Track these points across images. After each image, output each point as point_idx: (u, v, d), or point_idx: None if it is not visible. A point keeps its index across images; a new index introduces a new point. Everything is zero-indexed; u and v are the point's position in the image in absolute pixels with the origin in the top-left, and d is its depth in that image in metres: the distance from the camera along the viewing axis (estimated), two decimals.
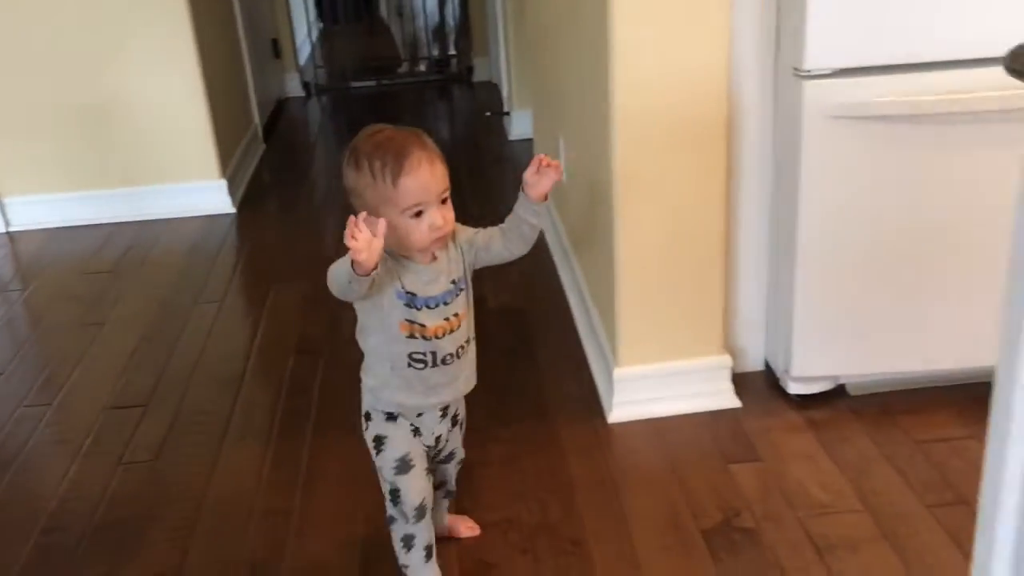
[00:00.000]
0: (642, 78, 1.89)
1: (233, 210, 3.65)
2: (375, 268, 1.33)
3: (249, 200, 3.79)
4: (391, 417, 1.53)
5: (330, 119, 5.24)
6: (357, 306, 1.48)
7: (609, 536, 1.79)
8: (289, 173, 4.18)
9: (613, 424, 2.12)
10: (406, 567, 1.57)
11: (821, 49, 1.84)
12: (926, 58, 1.84)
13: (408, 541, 1.55)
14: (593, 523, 1.82)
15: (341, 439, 2.10)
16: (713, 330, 2.12)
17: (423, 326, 1.46)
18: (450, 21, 6.00)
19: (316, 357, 2.51)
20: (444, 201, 1.42)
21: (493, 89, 5.16)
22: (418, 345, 1.47)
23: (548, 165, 1.49)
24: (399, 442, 1.52)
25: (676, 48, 1.88)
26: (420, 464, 1.53)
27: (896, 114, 1.86)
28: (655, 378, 2.12)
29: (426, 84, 5.63)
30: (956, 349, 2.04)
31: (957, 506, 1.78)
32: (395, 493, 1.52)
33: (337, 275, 1.37)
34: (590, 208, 2.31)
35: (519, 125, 4.24)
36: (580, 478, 1.95)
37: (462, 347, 1.51)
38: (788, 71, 1.93)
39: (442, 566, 1.67)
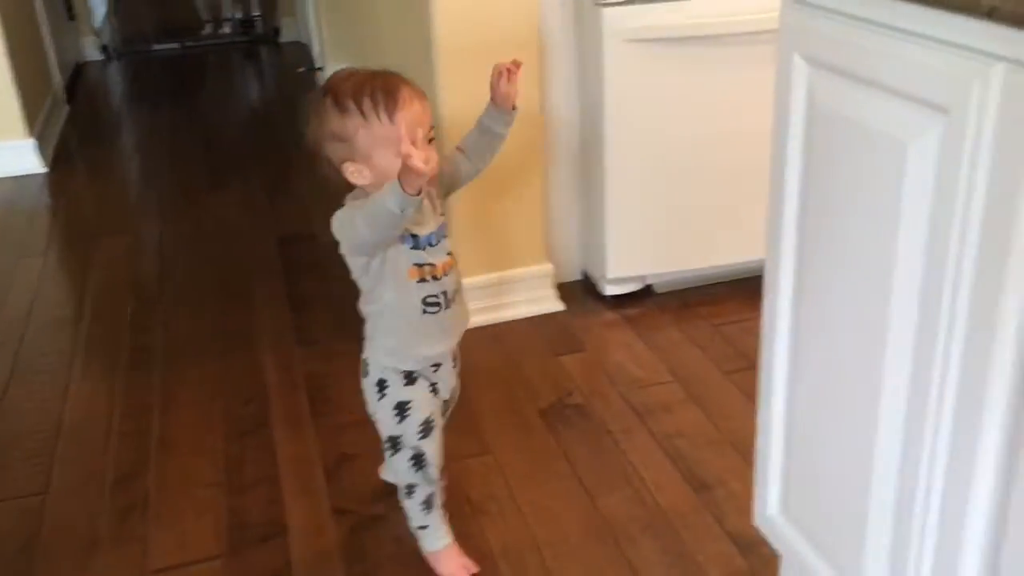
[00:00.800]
0: (459, 14, 2.07)
1: (44, 170, 3.55)
2: (420, 192, 1.27)
3: (59, 161, 3.69)
4: (410, 379, 1.49)
5: (132, 82, 5.11)
6: (362, 271, 1.44)
7: (460, 426, 1.97)
8: (97, 134, 4.09)
9: None
10: (424, 527, 1.55)
11: None
12: None
13: (429, 502, 1.53)
14: None
15: (192, 370, 2.20)
16: (536, 242, 2.34)
17: (432, 265, 1.43)
18: None
19: (154, 303, 2.55)
20: (430, 141, 1.39)
21: (303, 49, 5.19)
22: (430, 288, 1.44)
23: (515, 70, 1.48)
24: (422, 405, 1.49)
25: None
26: (439, 424, 1.53)
27: (681, 36, 2.13)
28: (488, 288, 2.32)
29: (231, 46, 5.57)
30: (739, 246, 2.35)
31: (748, 371, 2.08)
32: (419, 458, 1.49)
33: (375, 212, 1.30)
34: None
35: None
36: None
37: (458, 281, 1.51)
38: (589, 1, 2.16)
39: (305, 458, 1.82)
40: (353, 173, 1.39)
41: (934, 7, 0.90)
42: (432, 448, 1.50)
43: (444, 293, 1.45)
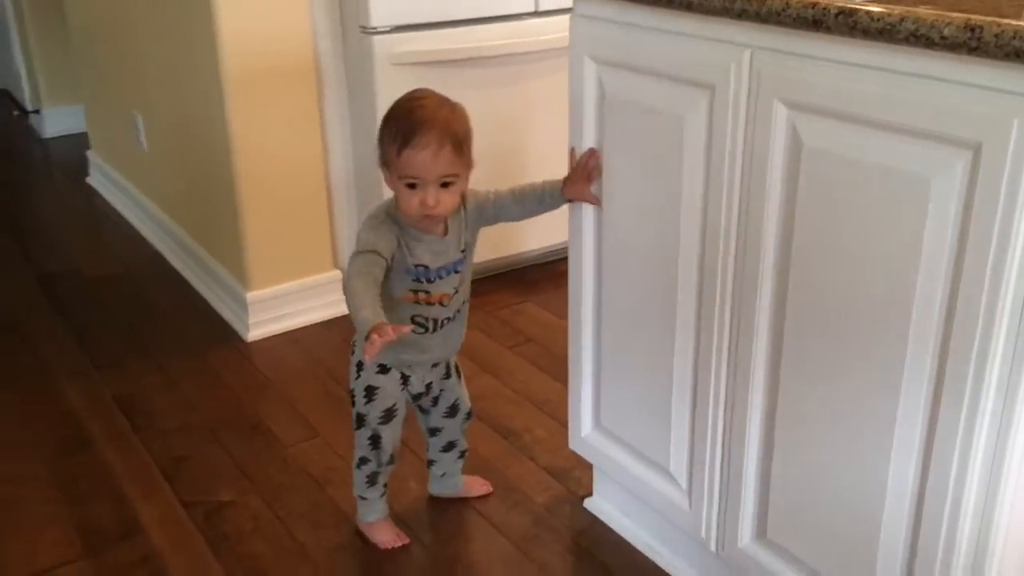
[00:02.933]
0: (244, 43, 2.24)
1: None
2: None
3: None
4: (383, 369, 1.59)
5: None
6: None
7: (280, 416, 2.13)
8: None
9: (252, 341, 2.44)
10: (363, 499, 1.70)
11: (382, 11, 2.35)
12: (456, 17, 2.44)
13: (373, 478, 1.67)
14: (264, 411, 2.14)
15: None
16: (324, 251, 2.54)
17: (428, 293, 1.52)
18: None
19: None
20: (446, 185, 1.45)
21: (3, 95, 4.93)
22: (421, 310, 1.53)
23: (594, 167, 1.50)
24: (388, 393, 1.61)
25: (267, 14, 2.25)
26: (400, 415, 1.64)
27: (441, 60, 2.44)
28: (282, 297, 2.48)
29: None
30: (508, 243, 2.68)
31: (528, 344, 2.42)
32: (376, 439, 1.63)
33: (349, 304, 1.39)
34: (199, 169, 2.58)
35: (55, 122, 4.20)
36: (237, 384, 2.25)
37: (459, 310, 1.59)
38: (356, 29, 2.40)
39: (139, 465, 1.89)
40: (385, 178, 1.50)
41: (677, 9, 1.26)
42: (388, 434, 1.63)
43: (434, 320, 1.55)
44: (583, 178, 1.51)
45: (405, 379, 1.62)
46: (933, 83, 1.02)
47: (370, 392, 1.60)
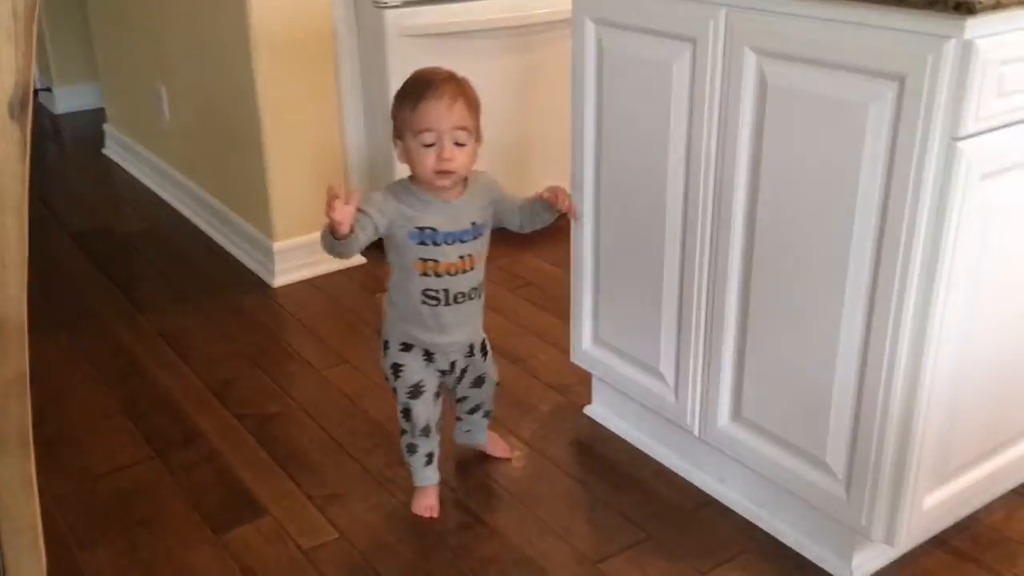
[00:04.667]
0: (269, 14, 2.49)
1: None
2: (352, 231, 1.47)
3: None
4: (406, 347, 1.68)
5: None
6: (384, 246, 1.63)
7: (311, 347, 2.39)
8: None
9: (279, 287, 2.70)
10: (409, 466, 1.78)
11: None
12: None
13: (412, 448, 1.75)
14: (296, 343, 2.41)
15: (43, 345, 2.43)
16: None
17: (436, 262, 1.58)
18: None
19: None
20: (460, 144, 1.53)
21: None
22: (431, 282, 1.60)
23: (564, 205, 1.70)
24: (413, 370, 1.69)
25: None
26: (430, 390, 1.71)
27: (451, 32, 2.70)
28: (306, 248, 2.73)
29: None
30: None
31: (527, 287, 2.70)
32: (407, 412, 1.71)
33: (324, 241, 1.52)
34: (225, 133, 2.83)
35: (67, 100, 4.44)
36: (269, 321, 2.52)
37: (475, 288, 1.65)
38: (369, 3, 2.66)
39: (190, 387, 2.15)
40: (399, 153, 1.59)
41: None
42: (419, 408, 1.70)
43: (446, 291, 1.61)
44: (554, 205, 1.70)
45: (429, 355, 1.69)
46: (868, 29, 1.30)
47: (396, 369, 1.69)
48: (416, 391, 1.69)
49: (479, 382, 1.81)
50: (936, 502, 1.54)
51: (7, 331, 0.92)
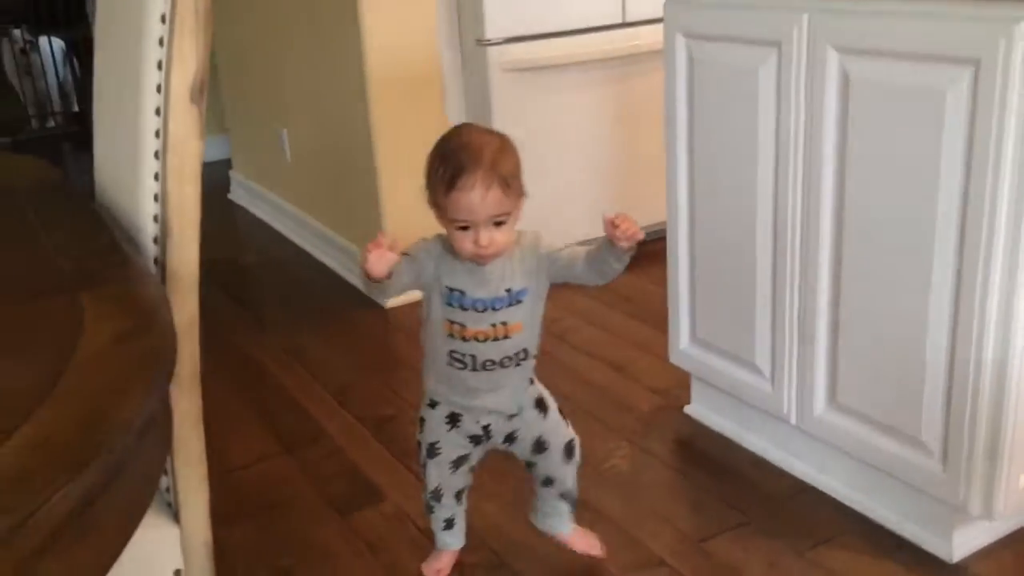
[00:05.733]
0: (383, 55, 2.71)
1: None
2: (386, 276, 1.36)
3: None
4: (432, 404, 1.57)
5: None
6: (423, 298, 1.51)
7: (419, 358, 2.54)
8: None
9: (390, 308, 2.87)
10: (431, 525, 1.68)
11: (496, 25, 2.80)
12: (562, 28, 2.87)
13: (429, 509, 1.64)
14: (405, 355, 2.57)
15: None
16: None
17: (463, 326, 1.45)
18: (69, 78, 6.21)
19: None
20: (499, 224, 1.38)
21: None
22: (457, 345, 1.47)
23: (622, 230, 1.37)
24: (432, 428, 1.57)
25: (400, 28, 2.72)
26: (448, 454, 1.57)
27: (549, 65, 2.87)
28: None
29: (64, 136, 5.82)
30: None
31: (627, 303, 2.80)
32: (423, 469, 1.61)
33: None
34: (342, 169, 3.05)
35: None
36: (381, 337, 2.70)
37: (510, 358, 1.49)
38: (473, 42, 2.85)
39: (311, 393, 2.32)
40: (436, 215, 1.44)
41: None
42: (433, 470, 1.59)
43: (473, 356, 1.47)
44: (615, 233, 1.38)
45: (453, 419, 1.55)
46: (942, 18, 1.40)
47: (421, 423, 1.60)
48: (432, 451, 1.58)
49: (540, 447, 1.60)
50: None
51: (184, 283, 1.08)
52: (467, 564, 1.72)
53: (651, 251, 2.00)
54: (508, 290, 1.45)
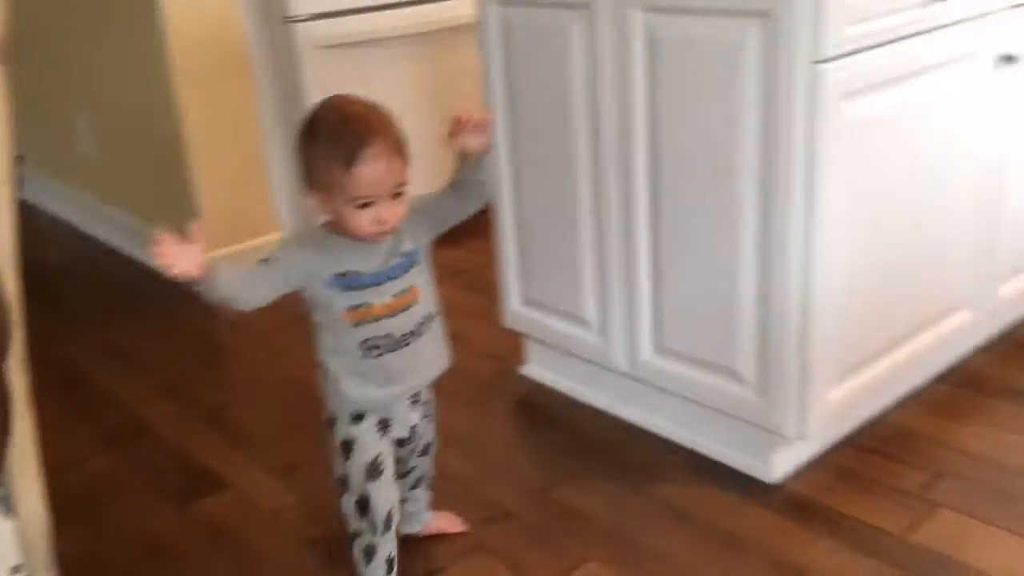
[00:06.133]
0: (184, 34, 2.61)
1: None
2: (203, 274, 1.21)
3: None
4: (358, 417, 1.43)
5: None
6: (308, 305, 1.39)
7: (252, 345, 2.48)
8: None
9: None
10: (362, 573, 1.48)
11: (302, 1, 2.75)
12: (372, 3, 2.86)
13: (370, 552, 1.45)
14: (234, 344, 2.49)
15: None
16: (267, 215, 2.90)
17: (369, 306, 1.36)
18: None
19: None
20: (396, 196, 1.31)
21: None
22: (369, 330, 1.37)
23: (469, 123, 1.35)
24: (368, 444, 1.43)
25: (200, 4, 2.63)
26: (390, 468, 1.45)
27: (362, 41, 2.85)
28: (229, 257, 2.82)
29: None
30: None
31: (458, 275, 2.83)
32: (363, 503, 1.42)
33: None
34: (148, 160, 2.92)
35: None
36: (206, 329, 2.61)
37: (421, 323, 1.42)
38: (279, 18, 2.79)
39: (138, 386, 2.22)
40: (315, 204, 1.34)
41: None
42: (378, 494, 1.42)
43: (389, 334, 1.38)
44: (458, 134, 1.36)
45: (384, 425, 1.45)
46: None
47: (347, 447, 1.43)
48: (374, 469, 1.42)
49: (426, 449, 1.60)
50: (840, 396, 1.72)
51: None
52: None
53: (476, 225, 2.03)
54: (403, 253, 1.39)
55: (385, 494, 1.44)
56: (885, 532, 1.62)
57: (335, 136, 1.28)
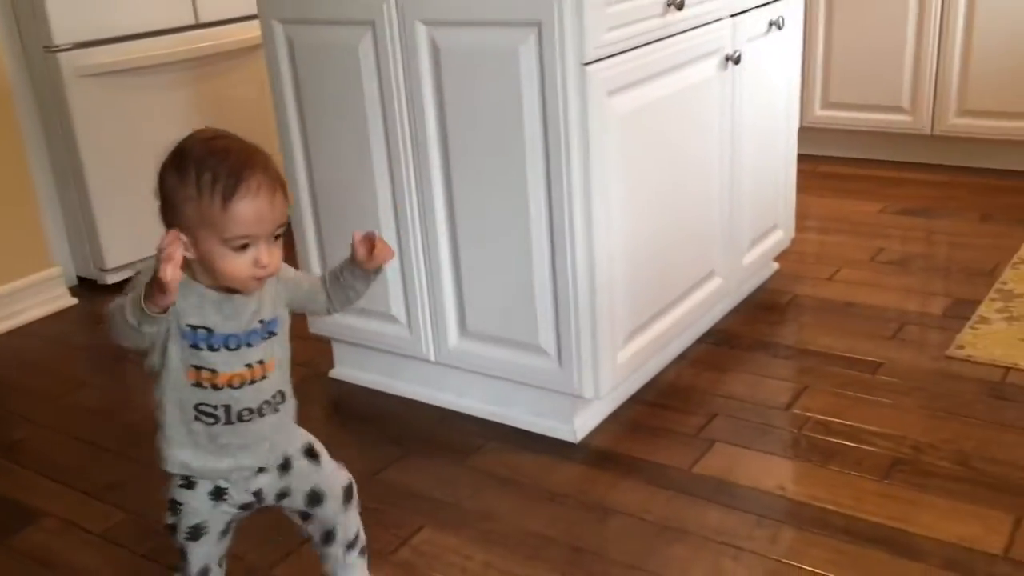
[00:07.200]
0: None
1: None
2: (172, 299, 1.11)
3: None
4: (188, 483, 1.30)
5: None
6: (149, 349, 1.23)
7: (45, 379, 2.40)
8: None
9: None
10: None
11: (63, 29, 2.69)
12: (133, 31, 2.84)
13: None
14: (26, 381, 2.40)
15: None
16: (39, 251, 2.80)
17: (213, 372, 1.22)
18: None
19: None
20: (277, 238, 1.20)
21: None
22: (207, 395, 1.24)
23: (380, 252, 1.29)
24: (196, 511, 1.32)
25: None
26: (215, 529, 1.34)
27: (126, 69, 2.82)
28: (4, 297, 2.70)
29: None
30: None
31: None
32: (183, 553, 1.36)
33: (116, 314, 1.14)
34: None
35: None
36: None
37: (268, 402, 1.28)
38: (39, 48, 2.72)
39: None
40: (183, 245, 1.15)
41: None
42: (198, 551, 1.35)
43: (227, 407, 1.25)
44: (369, 253, 1.30)
45: (219, 494, 1.32)
46: None
47: (173, 506, 1.33)
48: (196, 533, 1.34)
49: (316, 499, 1.40)
50: (626, 359, 1.96)
51: None
52: None
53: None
54: (262, 321, 1.25)
55: (202, 552, 1.36)
56: (674, 468, 1.86)
57: (208, 168, 1.15)
